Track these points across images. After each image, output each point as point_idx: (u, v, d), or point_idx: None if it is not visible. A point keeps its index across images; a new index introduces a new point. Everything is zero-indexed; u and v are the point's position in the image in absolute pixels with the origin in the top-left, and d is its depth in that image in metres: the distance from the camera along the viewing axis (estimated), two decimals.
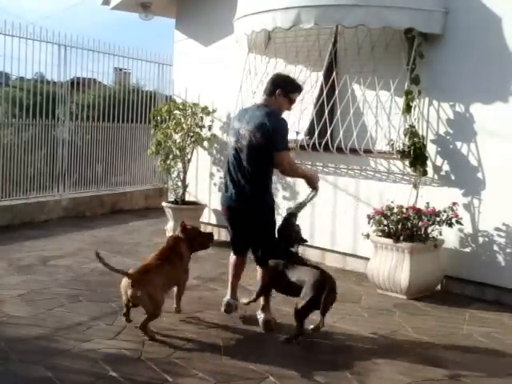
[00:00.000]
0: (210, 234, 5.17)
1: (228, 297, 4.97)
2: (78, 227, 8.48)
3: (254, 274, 4.95)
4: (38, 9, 48.42)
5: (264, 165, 4.61)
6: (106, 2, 8.70)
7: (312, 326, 4.40)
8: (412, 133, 5.87)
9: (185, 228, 4.90)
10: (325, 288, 4.21)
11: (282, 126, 4.57)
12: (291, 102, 4.77)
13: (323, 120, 6.42)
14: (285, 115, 6.82)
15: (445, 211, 5.60)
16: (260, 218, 4.66)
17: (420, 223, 5.58)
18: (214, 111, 7.93)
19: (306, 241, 4.74)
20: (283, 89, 4.66)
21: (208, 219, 8.16)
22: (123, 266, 6.35)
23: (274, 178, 7.22)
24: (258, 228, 4.68)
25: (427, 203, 5.70)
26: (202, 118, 7.89)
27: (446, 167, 5.93)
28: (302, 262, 4.56)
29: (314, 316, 4.35)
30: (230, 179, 4.73)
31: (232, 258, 4.99)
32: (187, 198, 8.08)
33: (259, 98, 7.06)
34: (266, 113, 4.59)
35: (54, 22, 12.26)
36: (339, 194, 6.69)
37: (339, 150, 6.38)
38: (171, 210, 7.81)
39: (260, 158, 4.56)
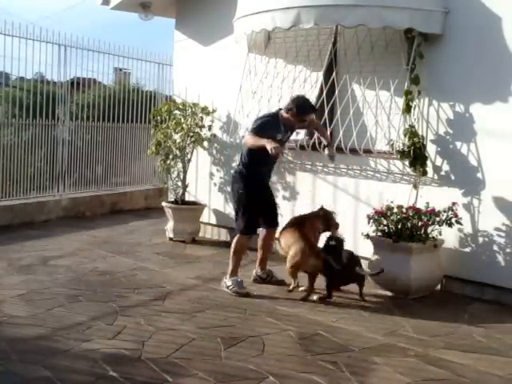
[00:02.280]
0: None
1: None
2: (78, 227, 8.48)
3: None
4: (38, 9, 48.40)
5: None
6: (106, 2, 8.69)
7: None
8: (412, 133, 5.87)
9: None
10: None
11: (260, 118, 5.75)
12: (302, 120, 5.71)
13: (323, 120, 6.42)
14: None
15: (444, 211, 5.60)
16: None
17: (420, 223, 5.58)
18: (214, 111, 7.93)
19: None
20: (297, 111, 5.58)
21: (208, 219, 8.16)
22: (123, 265, 6.39)
23: (274, 179, 7.31)
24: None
25: (427, 203, 5.70)
26: (201, 118, 7.88)
27: (445, 167, 5.94)
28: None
29: None
30: None
31: None
32: (187, 197, 8.08)
33: (259, 99, 7.12)
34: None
35: (54, 22, 12.29)
36: (339, 193, 6.69)
37: (339, 149, 6.37)
38: (171, 210, 7.81)
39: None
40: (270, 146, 5.21)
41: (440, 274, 5.80)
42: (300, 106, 5.59)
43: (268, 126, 5.54)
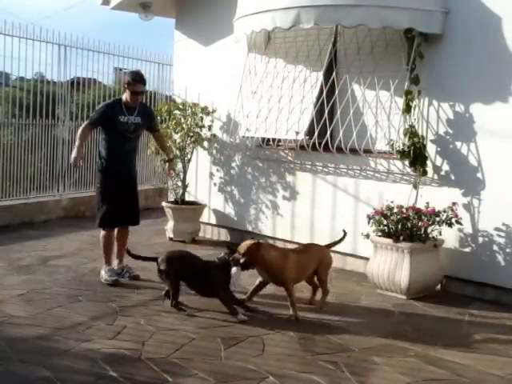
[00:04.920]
0: None
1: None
2: (78, 227, 8.47)
3: None
4: (38, 9, 48.47)
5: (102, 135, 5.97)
6: (106, 1, 8.70)
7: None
8: (412, 133, 5.87)
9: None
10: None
11: (99, 107, 6.03)
12: (133, 93, 5.74)
13: (323, 120, 6.42)
14: (285, 115, 6.86)
15: (445, 211, 5.60)
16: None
17: (420, 223, 5.58)
18: (213, 111, 7.93)
19: None
20: (125, 83, 5.79)
21: (208, 219, 8.16)
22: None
23: (274, 179, 7.31)
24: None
25: (427, 203, 5.71)
26: (201, 118, 7.89)
27: (445, 167, 5.94)
28: None
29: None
30: None
31: None
32: (187, 197, 8.08)
33: (259, 99, 7.13)
34: None
35: (54, 22, 12.29)
36: (339, 194, 6.69)
37: (339, 149, 6.38)
38: (171, 210, 7.81)
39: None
40: (73, 154, 5.70)
41: (440, 274, 5.80)
42: (129, 75, 5.81)
43: (108, 111, 5.75)
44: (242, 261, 4.84)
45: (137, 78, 5.75)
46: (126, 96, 5.80)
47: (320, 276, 5.23)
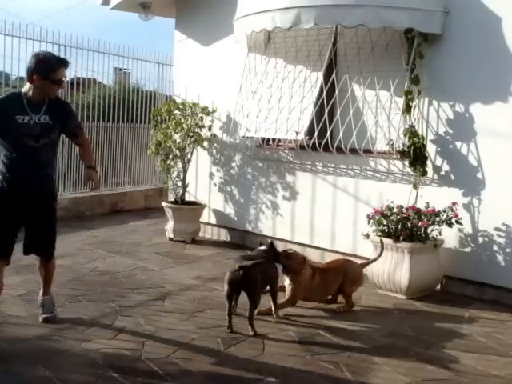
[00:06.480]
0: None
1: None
2: (78, 227, 8.47)
3: None
4: (38, 8, 48.51)
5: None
6: (106, 1, 8.71)
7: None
8: (412, 133, 5.87)
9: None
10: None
11: None
12: (55, 82, 4.27)
13: (323, 120, 6.42)
14: (285, 115, 6.86)
15: (445, 211, 5.60)
16: None
17: (420, 223, 5.58)
18: (214, 111, 7.93)
19: None
20: (40, 73, 4.20)
21: (208, 219, 8.16)
22: (123, 265, 6.39)
23: (275, 179, 7.30)
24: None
25: (427, 203, 5.70)
26: (201, 118, 7.88)
27: (445, 167, 5.94)
28: None
29: None
30: None
31: None
32: (187, 197, 8.08)
33: (259, 99, 7.12)
34: None
35: (54, 22, 12.29)
36: (339, 193, 6.69)
37: (339, 149, 6.38)
38: (171, 210, 7.81)
39: None
40: None
41: (440, 274, 5.80)
42: (42, 61, 4.23)
43: (2, 107, 4.28)
44: (287, 263, 4.94)
45: (60, 60, 4.35)
46: (31, 88, 4.26)
47: (343, 290, 5.23)
